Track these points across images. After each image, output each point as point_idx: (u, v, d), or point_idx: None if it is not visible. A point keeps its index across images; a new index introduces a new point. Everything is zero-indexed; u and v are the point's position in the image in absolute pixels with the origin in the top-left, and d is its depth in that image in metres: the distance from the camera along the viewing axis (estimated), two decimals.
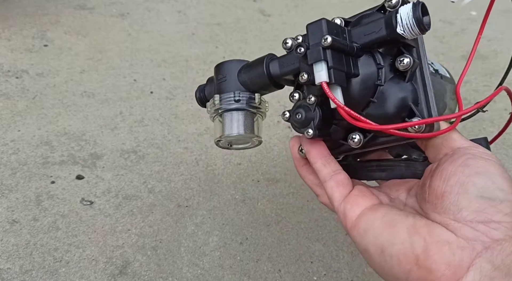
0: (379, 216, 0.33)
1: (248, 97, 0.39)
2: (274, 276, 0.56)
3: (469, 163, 0.30)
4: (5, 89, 0.80)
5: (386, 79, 0.33)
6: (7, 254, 0.56)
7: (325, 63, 0.30)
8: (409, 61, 0.32)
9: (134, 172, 0.68)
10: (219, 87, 0.40)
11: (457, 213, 0.29)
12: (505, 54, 0.92)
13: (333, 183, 0.36)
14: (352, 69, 0.32)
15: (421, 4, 0.30)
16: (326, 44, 0.30)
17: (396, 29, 0.30)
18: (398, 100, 0.33)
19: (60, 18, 0.99)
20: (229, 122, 0.39)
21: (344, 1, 1.12)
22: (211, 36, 0.98)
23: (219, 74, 0.41)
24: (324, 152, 0.37)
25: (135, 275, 0.55)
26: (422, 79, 0.33)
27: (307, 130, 0.34)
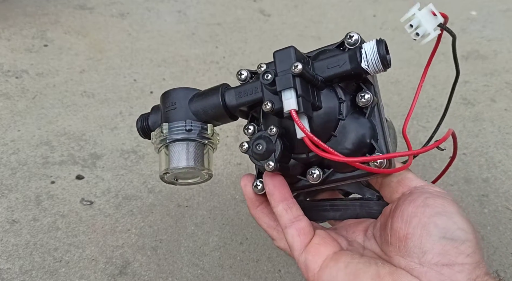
0: (341, 267, 0.31)
1: (200, 128, 0.36)
2: (274, 276, 0.56)
3: (429, 203, 0.30)
4: (5, 89, 0.80)
5: (347, 114, 0.33)
6: (7, 254, 0.56)
7: (294, 90, 0.30)
8: (369, 97, 0.32)
9: (134, 172, 0.68)
10: (168, 116, 0.37)
11: (421, 257, 0.29)
12: (505, 54, 0.92)
13: (294, 231, 0.34)
14: (316, 101, 0.32)
15: (383, 42, 0.31)
16: (296, 71, 0.30)
17: (361, 64, 0.31)
18: (359, 136, 0.33)
19: (60, 18, 0.99)
20: (177, 154, 0.36)
21: (344, 1, 1.12)
22: (211, 36, 0.98)
23: (168, 102, 0.38)
24: (286, 195, 0.35)
25: (135, 275, 0.55)
26: (379, 116, 0.33)
27: (267, 163, 0.33)
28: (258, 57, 0.91)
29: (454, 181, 0.64)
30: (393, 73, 0.89)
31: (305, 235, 0.34)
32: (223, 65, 0.90)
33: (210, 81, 0.85)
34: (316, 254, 0.33)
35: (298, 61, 0.30)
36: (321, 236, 0.34)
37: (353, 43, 0.32)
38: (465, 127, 0.76)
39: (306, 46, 1.09)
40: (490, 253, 0.58)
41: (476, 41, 0.97)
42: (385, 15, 1.06)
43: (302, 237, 0.34)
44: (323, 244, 0.33)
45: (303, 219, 0.35)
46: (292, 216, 0.34)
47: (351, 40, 0.33)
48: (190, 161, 0.36)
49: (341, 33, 1.00)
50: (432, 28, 0.33)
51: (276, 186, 0.35)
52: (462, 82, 0.85)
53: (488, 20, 1.03)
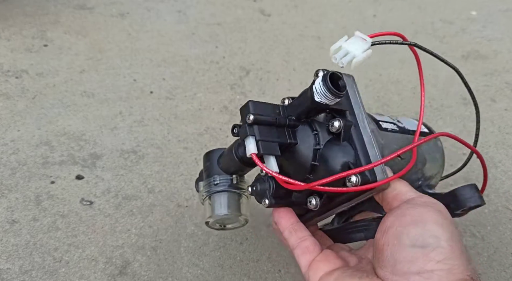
0: (331, 280, 0.34)
1: (226, 180, 0.43)
2: (274, 276, 0.56)
3: (407, 213, 0.31)
4: (5, 89, 0.80)
5: (323, 142, 0.36)
6: (7, 254, 0.56)
7: (252, 137, 0.34)
8: (339, 123, 0.35)
9: (134, 172, 0.68)
10: (205, 175, 0.45)
11: (394, 266, 0.30)
12: (505, 54, 0.92)
13: (299, 251, 0.37)
14: (287, 139, 0.36)
15: (329, 74, 0.33)
16: (249, 121, 0.34)
17: (314, 98, 0.33)
18: (338, 160, 0.35)
19: (60, 18, 0.99)
20: (214, 204, 0.43)
21: (344, 1, 1.12)
22: (211, 36, 0.98)
23: (205, 163, 0.46)
24: (291, 220, 0.39)
25: (135, 275, 0.55)
26: (359, 136, 0.36)
27: (263, 200, 0.38)
28: (258, 57, 0.91)
29: (454, 180, 0.64)
30: (393, 73, 0.89)
31: (310, 253, 0.37)
32: (223, 65, 0.90)
33: (210, 81, 0.85)
34: (316, 270, 0.35)
35: (252, 112, 0.34)
36: (325, 255, 0.37)
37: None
38: (465, 127, 0.76)
39: (306, 46, 1.09)
40: (490, 253, 0.58)
41: (476, 41, 0.97)
42: (385, 15, 1.06)
43: (306, 255, 0.37)
44: (323, 261, 0.36)
45: (308, 239, 0.38)
46: (297, 238, 0.38)
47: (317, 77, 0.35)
48: (224, 209, 0.43)
49: (341, 33, 1.01)
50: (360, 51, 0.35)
51: (280, 215, 0.39)
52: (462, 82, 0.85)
53: (488, 20, 1.03)
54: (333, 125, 0.35)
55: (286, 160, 0.37)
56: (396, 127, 0.43)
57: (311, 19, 1.05)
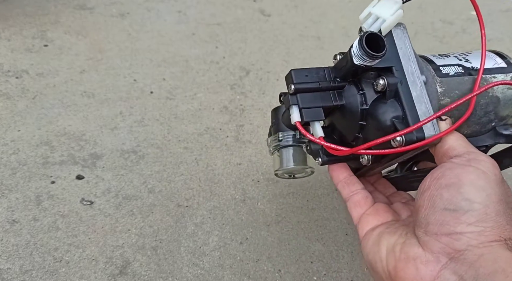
0: (374, 234, 0.35)
1: (289, 135, 0.46)
2: (274, 276, 0.56)
3: (445, 174, 0.31)
4: (5, 89, 0.80)
5: (370, 101, 0.36)
6: (7, 254, 0.56)
7: (295, 106, 0.35)
8: (383, 82, 0.34)
9: (134, 172, 0.68)
10: (273, 130, 0.48)
11: (426, 227, 0.31)
12: None
13: (351, 204, 0.39)
14: (332, 102, 0.36)
15: (365, 36, 0.32)
16: (291, 91, 0.35)
17: (354, 61, 0.33)
18: (384, 119, 0.35)
19: (60, 18, 0.99)
20: (281, 158, 0.47)
21: (344, 1, 1.12)
22: (211, 36, 0.98)
23: (273, 119, 0.48)
24: (344, 174, 0.41)
25: (135, 275, 0.55)
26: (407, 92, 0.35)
27: (317, 159, 0.40)
28: (258, 57, 0.91)
29: None
30: None
31: (360, 206, 0.39)
32: (223, 65, 0.90)
33: (210, 81, 0.85)
34: (365, 223, 0.37)
35: (293, 82, 0.35)
36: (375, 208, 0.38)
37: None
38: None
39: (306, 46, 1.09)
40: None
41: (476, 41, 0.97)
42: None
43: (357, 209, 0.39)
44: (373, 215, 0.38)
45: (360, 193, 0.40)
46: (349, 191, 0.40)
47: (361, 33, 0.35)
48: (289, 162, 0.46)
49: (341, 33, 1.01)
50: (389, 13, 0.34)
51: (334, 169, 0.41)
52: None
53: (488, 20, 1.03)
54: (377, 84, 0.35)
55: (337, 120, 0.38)
56: (460, 69, 0.40)
57: (311, 19, 1.05)
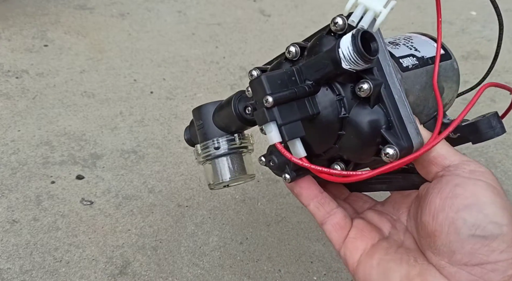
0: (374, 264, 0.31)
1: (227, 141, 0.39)
2: (274, 276, 0.56)
3: (457, 193, 0.28)
4: (5, 89, 0.80)
5: (350, 108, 0.30)
6: (7, 254, 0.56)
7: (273, 123, 0.28)
8: (368, 86, 0.29)
9: (134, 172, 0.68)
10: (200, 135, 0.40)
11: (451, 256, 0.27)
12: (505, 54, 0.92)
13: (330, 227, 0.34)
14: (309, 111, 0.30)
15: (360, 33, 0.27)
16: (268, 105, 0.28)
17: (342, 65, 0.28)
18: (368, 128, 0.30)
19: (60, 18, 0.99)
20: (216, 170, 0.39)
21: (344, 1, 1.12)
22: (211, 36, 0.98)
23: (197, 121, 0.40)
24: (315, 192, 0.35)
25: (135, 275, 0.55)
26: (389, 95, 0.30)
27: (284, 176, 0.34)
28: (258, 57, 0.91)
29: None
30: None
31: (342, 229, 0.34)
32: (223, 65, 0.90)
33: (210, 81, 0.85)
34: (353, 249, 0.33)
35: (269, 93, 0.28)
36: (358, 228, 0.34)
37: (341, 29, 0.30)
38: None
39: None
40: None
41: (476, 41, 0.97)
42: None
43: (338, 232, 0.34)
44: (359, 238, 0.33)
45: (338, 212, 0.35)
46: (325, 212, 0.34)
47: (337, 27, 0.30)
48: (227, 175, 0.39)
49: None
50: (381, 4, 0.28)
51: (302, 186, 0.35)
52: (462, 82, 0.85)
53: (488, 20, 1.03)
54: (361, 89, 0.29)
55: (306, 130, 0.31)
56: (415, 60, 0.37)
57: (311, 19, 1.05)
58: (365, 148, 0.31)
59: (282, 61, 0.35)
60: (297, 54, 0.33)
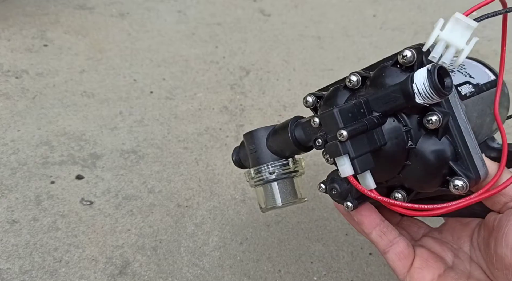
0: None
1: (281, 165, 0.39)
2: (274, 276, 0.56)
3: None
4: (5, 89, 0.80)
5: (417, 139, 0.31)
6: (7, 254, 0.56)
7: (346, 156, 0.29)
8: (437, 118, 0.29)
9: (134, 172, 0.68)
10: (252, 158, 0.40)
11: None
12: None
13: (394, 256, 0.34)
14: (377, 142, 0.30)
15: (437, 68, 0.27)
16: (343, 138, 0.28)
17: (415, 100, 0.28)
18: (436, 159, 0.30)
19: (60, 18, 0.99)
20: (269, 194, 0.40)
21: (344, 1, 1.12)
22: (211, 36, 0.98)
23: (250, 145, 0.41)
24: (377, 220, 0.35)
25: (135, 275, 0.55)
26: (456, 126, 0.30)
27: (346, 204, 0.33)
28: (258, 57, 0.91)
29: None
30: None
31: (406, 258, 0.34)
32: (223, 65, 0.90)
33: (210, 81, 0.85)
34: (420, 279, 0.33)
35: (343, 127, 0.28)
36: (422, 258, 0.34)
37: (409, 62, 0.30)
38: None
39: (306, 46, 1.09)
40: None
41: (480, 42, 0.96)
42: (385, 15, 1.06)
43: (403, 261, 0.34)
44: (425, 268, 0.33)
45: (400, 241, 0.34)
46: (388, 241, 0.34)
47: (405, 60, 0.30)
48: (279, 200, 0.39)
49: (341, 33, 1.01)
50: (463, 41, 0.28)
51: (363, 214, 0.35)
52: None
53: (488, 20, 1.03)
54: (430, 122, 0.29)
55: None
56: (471, 87, 0.37)
57: (311, 19, 1.05)
58: (431, 178, 0.31)
59: (340, 89, 0.35)
60: (358, 83, 0.33)
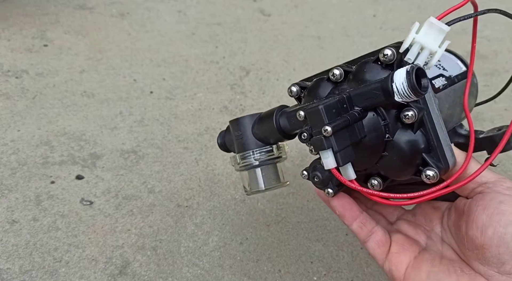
0: (424, 276, 0.33)
1: (266, 152, 0.41)
2: (274, 276, 0.56)
3: (502, 209, 0.31)
4: (5, 89, 0.80)
5: (394, 132, 0.33)
6: (7, 254, 0.56)
7: (330, 150, 0.30)
8: (413, 114, 0.31)
9: (134, 172, 0.68)
10: (238, 144, 0.42)
11: (500, 266, 0.30)
12: (505, 54, 0.92)
13: (374, 244, 0.37)
14: (358, 135, 0.32)
15: (415, 70, 0.29)
16: (327, 134, 0.30)
17: (394, 98, 0.30)
18: (411, 151, 0.33)
19: (60, 18, 0.99)
20: (254, 179, 0.42)
21: (344, 1, 1.12)
22: (211, 36, 0.98)
23: (236, 131, 0.42)
24: (356, 212, 0.38)
25: (135, 275, 0.55)
26: (431, 121, 0.32)
27: (327, 190, 0.36)
28: (258, 57, 0.91)
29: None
30: None
31: (384, 245, 0.37)
32: (223, 65, 0.90)
33: (210, 81, 0.85)
34: (398, 263, 0.35)
35: (328, 124, 0.30)
36: (398, 243, 0.37)
37: (388, 61, 0.32)
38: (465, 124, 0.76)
39: (306, 46, 1.09)
40: None
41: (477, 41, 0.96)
42: (385, 15, 1.06)
43: (381, 248, 0.37)
44: (402, 252, 0.36)
45: (378, 230, 0.38)
46: (367, 230, 0.37)
47: (386, 58, 0.32)
48: (264, 184, 0.42)
49: (341, 33, 1.01)
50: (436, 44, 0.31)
51: (345, 207, 0.37)
52: None
53: (488, 20, 1.03)
54: (406, 117, 0.31)
55: None
56: (444, 80, 0.40)
57: (311, 19, 1.05)
58: (406, 168, 0.33)
59: (323, 81, 0.36)
60: (341, 77, 0.35)
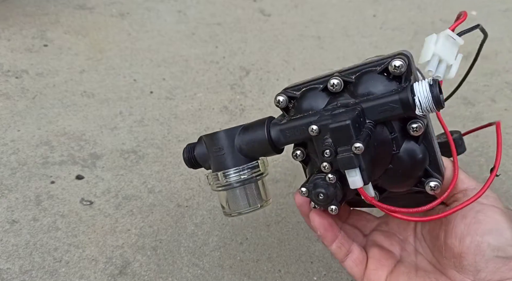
0: None
1: (251, 168, 0.37)
2: (274, 276, 0.56)
3: (480, 219, 0.32)
4: (5, 89, 0.80)
5: (400, 145, 0.32)
6: (7, 254, 0.56)
7: (358, 169, 0.29)
8: (421, 125, 0.31)
9: (134, 172, 0.68)
10: (217, 161, 0.37)
11: (476, 274, 0.32)
12: (505, 54, 0.92)
13: (351, 263, 0.38)
14: (372, 151, 0.31)
15: (438, 82, 0.29)
16: (358, 152, 0.28)
17: (415, 111, 0.29)
18: (416, 164, 0.33)
19: (60, 18, 0.99)
20: (235, 198, 0.38)
21: (344, 1, 1.12)
22: (211, 36, 0.98)
23: (212, 146, 0.37)
24: (336, 232, 0.38)
25: (135, 275, 0.55)
26: (430, 135, 0.33)
27: (330, 208, 0.34)
28: (258, 57, 0.91)
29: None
30: None
31: (361, 263, 0.38)
32: (223, 65, 0.90)
33: (210, 81, 0.85)
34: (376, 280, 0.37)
35: (359, 141, 0.28)
36: (375, 259, 0.38)
37: (399, 73, 0.31)
38: (465, 127, 0.76)
39: (306, 46, 1.09)
40: None
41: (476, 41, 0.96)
42: (385, 15, 1.06)
43: (359, 266, 0.38)
44: (380, 268, 0.37)
45: (354, 248, 0.38)
46: (345, 250, 0.38)
47: (396, 70, 0.31)
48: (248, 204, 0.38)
49: (341, 33, 1.01)
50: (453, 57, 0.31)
51: (326, 228, 0.37)
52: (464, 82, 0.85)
53: (488, 20, 1.03)
54: (415, 129, 0.31)
55: None
56: None
57: (311, 19, 1.05)
58: (409, 181, 0.33)
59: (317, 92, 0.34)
60: (340, 88, 0.33)
